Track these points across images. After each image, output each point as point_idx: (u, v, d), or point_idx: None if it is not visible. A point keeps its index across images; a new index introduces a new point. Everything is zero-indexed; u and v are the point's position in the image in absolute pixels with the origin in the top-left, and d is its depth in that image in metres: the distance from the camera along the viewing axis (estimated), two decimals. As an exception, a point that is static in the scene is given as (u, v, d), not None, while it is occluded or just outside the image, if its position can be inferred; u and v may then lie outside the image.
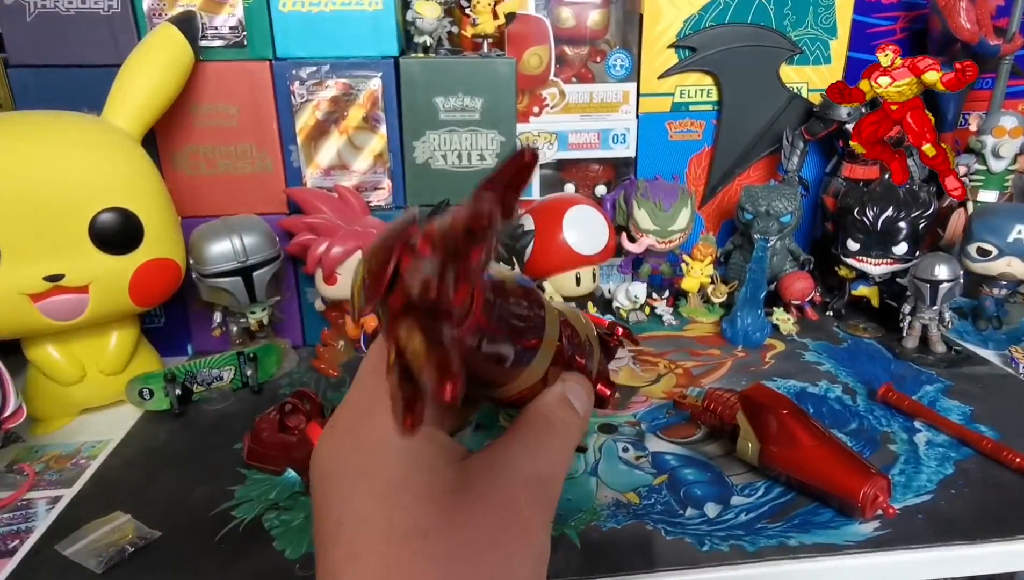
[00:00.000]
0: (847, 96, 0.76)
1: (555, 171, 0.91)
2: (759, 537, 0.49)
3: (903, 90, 0.71)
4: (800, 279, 0.86)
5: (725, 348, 0.80)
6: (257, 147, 0.75)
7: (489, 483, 0.25)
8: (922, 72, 0.70)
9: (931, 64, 0.71)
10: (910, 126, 0.72)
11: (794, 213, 0.84)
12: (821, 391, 0.70)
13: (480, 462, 0.25)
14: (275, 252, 0.72)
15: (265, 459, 0.58)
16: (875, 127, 0.74)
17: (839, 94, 0.77)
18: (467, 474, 0.25)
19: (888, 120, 0.73)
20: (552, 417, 0.28)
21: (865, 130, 0.77)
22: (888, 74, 0.72)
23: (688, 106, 0.90)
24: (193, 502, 0.54)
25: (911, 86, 0.71)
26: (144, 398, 0.66)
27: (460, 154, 0.78)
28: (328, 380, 0.74)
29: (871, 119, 0.75)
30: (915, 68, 0.71)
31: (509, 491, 0.25)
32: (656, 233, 0.85)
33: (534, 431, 0.27)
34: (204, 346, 0.80)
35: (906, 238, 0.78)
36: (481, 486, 0.24)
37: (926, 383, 0.71)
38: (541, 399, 0.28)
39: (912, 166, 0.85)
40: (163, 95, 0.64)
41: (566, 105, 0.88)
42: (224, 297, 0.70)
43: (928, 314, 0.75)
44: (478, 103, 0.76)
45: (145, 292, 0.62)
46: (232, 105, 0.73)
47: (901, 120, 0.72)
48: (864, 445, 0.60)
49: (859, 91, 0.77)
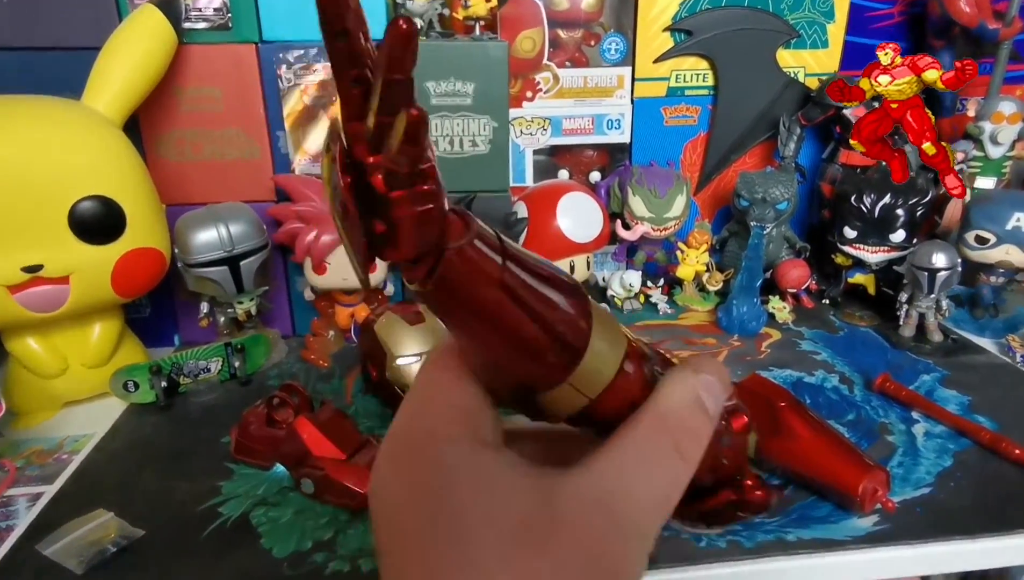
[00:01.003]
0: (847, 94, 0.75)
1: (549, 157, 0.89)
2: (756, 532, 0.48)
3: (903, 88, 0.71)
4: (796, 267, 0.85)
5: (721, 337, 0.79)
6: (244, 133, 0.73)
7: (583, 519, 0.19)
8: (922, 71, 0.69)
9: (931, 63, 0.70)
10: (910, 124, 0.71)
11: (791, 200, 0.83)
12: (818, 381, 0.69)
13: (569, 491, 0.20)
14: (262, 241, 0.70)
15: (253, 454, 0.57)
16: (875, 125, 0.74)
17: (839, 92, 0.76)
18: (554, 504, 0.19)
19: (888, 119, 0.72)
20: (678, 431, 0.21)
21: (865, 129, 0.76)
22: (888, 72, 0.71)
23: (684, 91, 0.89)
24: (178, 498, 0.53)
25: (911, 84, 0.71)
26: (129, 391, 0.65)
27: (452, 140, 0.76)
28: (318, 371, 0.73)
29: (871, 117, 0.74)
30: (915, 66, 0.70)
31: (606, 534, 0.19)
32: (651, 220, 0.84)
33: (649, 449, 0.20)
34: (191, 337, 0.78)
35: (903, 225, 0.77)
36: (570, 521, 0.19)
37: (923, 372, 0.70)
38: (664, 400, 0.21)
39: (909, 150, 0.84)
40: (145, 79, 0.62)
41: (560, 90, 0.87)
42: (210, 287, 0.68)
43: (925, 302, 0.74)
44: (470, 88, 0.75)
45: (128, 282, 0.60)
46: (217, 89, 0.71)
47: (901, 119, 0.71)
48: (862, 436, 0.59)
49: (859, 89, 0.76)
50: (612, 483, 0.19)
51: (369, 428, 0.62)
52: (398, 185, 0.16)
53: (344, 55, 0.16)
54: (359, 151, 0.16)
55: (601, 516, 0.19)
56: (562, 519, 0.19)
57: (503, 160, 0.78)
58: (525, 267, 0.19)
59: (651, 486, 0.20)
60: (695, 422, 0.21)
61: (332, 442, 0.53)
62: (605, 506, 0.19)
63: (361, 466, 0.52)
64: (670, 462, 0.20)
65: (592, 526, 0.19)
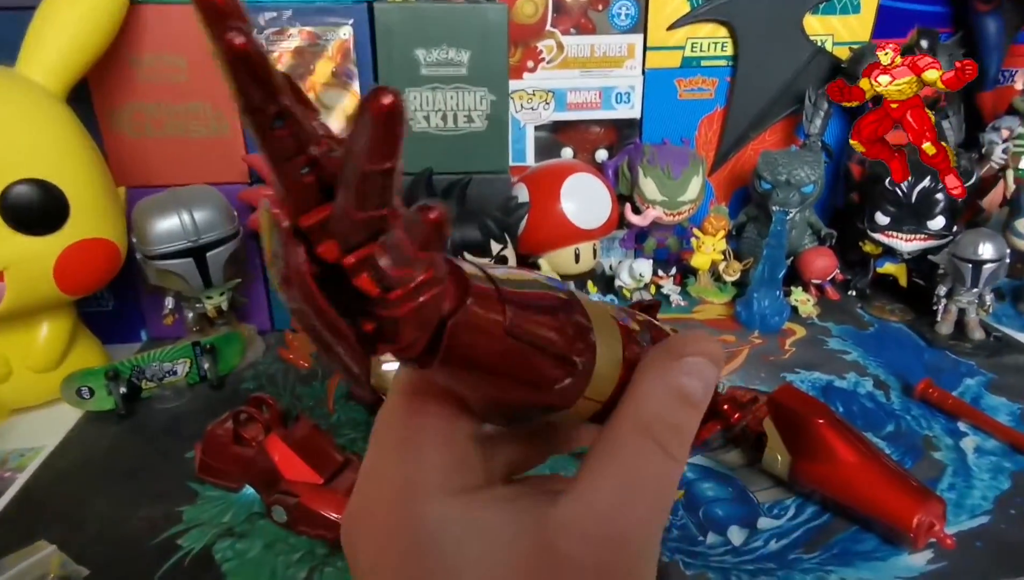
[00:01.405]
0: (847, 95, 0.73)
1: (551, 134, 0.82)
2: (794, 572, 0.42)
3: (903, 88, 0.69)
4: (821, 256, 0.78)
5: (739, 333, 0.72)
6: (212, 106, 0.65)
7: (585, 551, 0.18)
8: (922, 71, 0.68)
9: (931, 63, 0.68)
10: (910, 124, 0.69)
11: (817, 183, 0.76)
12: (850, 385, 0.62)
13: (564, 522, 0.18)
14: (232, 229, 0.62)
15: (219, 474, 0.50)
16: (875, 126, 0.72)
17: (839, 93, 0.74)
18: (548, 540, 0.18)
19: (888, 119, 0.71)
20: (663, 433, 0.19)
21: (865, 129, 0.73)
22: (888, 72, 0.69)
23: (700, 61, 0.81)
24: (133, 528, 0.47)
25: (911, 84, 0.69)
26: (83, 397, 0.58)
27: (445, 115, 0.68)
28: (299, 372, 0.66)
29: (871, 117, 0.72)
30: (915, 66, 0.68)
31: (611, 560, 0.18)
32: (664, 204, 0.77)
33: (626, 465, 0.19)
34: (160, 332, 0.71)
35: (943, 211, 0.71)
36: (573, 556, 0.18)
37: (966, 375, 0.63)
38: (643, 402, 0.19)
39: (948, 128, 0.76)
40: (89, 43, 0.54)
41: (564, 59, 0.79)
42: (174, 281, 0.61)
43: (967, 297, 0.68)
44: (465, 56, 0.67)
45: (74, 278, 0.53)
46: (180, 56, 0.63)
47: (901, 119, 0.70)
48: (904, 453, 0.53)
49: (859, 90, 0.73)
50: (606, 505, 0.18)
51: (352, 440, 0.56)
52: (397, 283, 0.14)
53: (286, 144, 0.13)
54: (327, 250, 0.14)
55: (601, 544, 0.18)
56: (565, 556, 0.18)
57: (502, 137, 0.70)
58: (524, 303, 0.17)
59: (645, 496, 0.19)
60: (680, 418, 0.19)
61: (307, 464, 0.47)
62: (603, 532, 0.18)
63: (340, 492, 0.46)
64: (660, 466, 0.19)
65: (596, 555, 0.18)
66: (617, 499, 0.18)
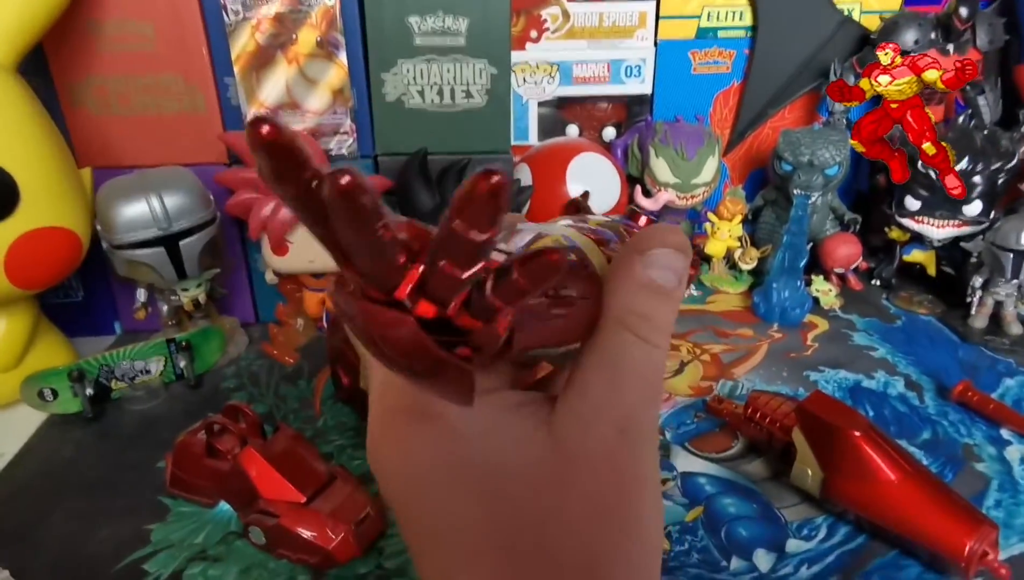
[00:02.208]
0: (847, 95, 0.71)
1: (556, 110, 0.77)
2: (830, 605, 0.38)
3: (903, 88, 0.67)
4: (845, 243, 0.73)
5: (758, 326, 0.67)
6: (183, 79, 0.59)
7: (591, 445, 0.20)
8: (922, 70, 0.66)
9: (931, 62, 0.66)
10: (910, 124, 0.67)
11: (842, 164, 0.71)
12: (879, 386, 0.57)
13: (566, 419, 0.21)
14: (208, 215, 0.57)
15: (192, 489, 0.46)
16: (875, 126, 0.70)
17: (839, 93, 0.71)
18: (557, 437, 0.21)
19: (888, 119, 0.69)
20: (638, 324, 0.20)
21: (865, 129, 0.70)
22: (888, 72, 0.67)
23: (716, 32, 0.76)
24: (94, 550, 0.42)
25: (911, 84, 0.67)
26: (46, 399, 0.53)
27: (441, 90, 0.63)
28: (283, 369, 0.61)
29: (871, 117, 0.70)
30: (915, 66, 0.67)
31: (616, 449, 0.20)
32: (677, 186, 0.71)
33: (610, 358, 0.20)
34: (135, 324, 0.66)
35: (981, 196, 0.65)
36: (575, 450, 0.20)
37: (1005, 375, 0.59)
38: (613, 299, 0.21)
39: (984, 104, 0.71)
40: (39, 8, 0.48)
41: (570, 29, 0.74)
42: (145, 273, 0.56)
43: (1005, 289, 0.63)
44: (463, 25, 0.61)
45: (27, 271, 0.48)
46: (146, 23, 0.57)
47: (901, 119, 0.68)
48: (943, 464, 0.49)
49: (859, 89, 0.70)
50: (598, 396, 0.20)
51: (341, 448, 0.51)
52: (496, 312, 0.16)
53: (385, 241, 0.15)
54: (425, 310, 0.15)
55: (603, 432, 0.20)
56: (574, 450, 0.20)
57: (503, 114, 0.64)
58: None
59: (633, 383, 0.21)
60: (651, 306, 0.21)
61: (288, 480, 0.42)
62: (602, 421, 0.20)
63: (324, 512, 0.41)
64: (641, 353, 0.21)
65: (600, 444, 0.20)
66: (607, 388, 0.20)
